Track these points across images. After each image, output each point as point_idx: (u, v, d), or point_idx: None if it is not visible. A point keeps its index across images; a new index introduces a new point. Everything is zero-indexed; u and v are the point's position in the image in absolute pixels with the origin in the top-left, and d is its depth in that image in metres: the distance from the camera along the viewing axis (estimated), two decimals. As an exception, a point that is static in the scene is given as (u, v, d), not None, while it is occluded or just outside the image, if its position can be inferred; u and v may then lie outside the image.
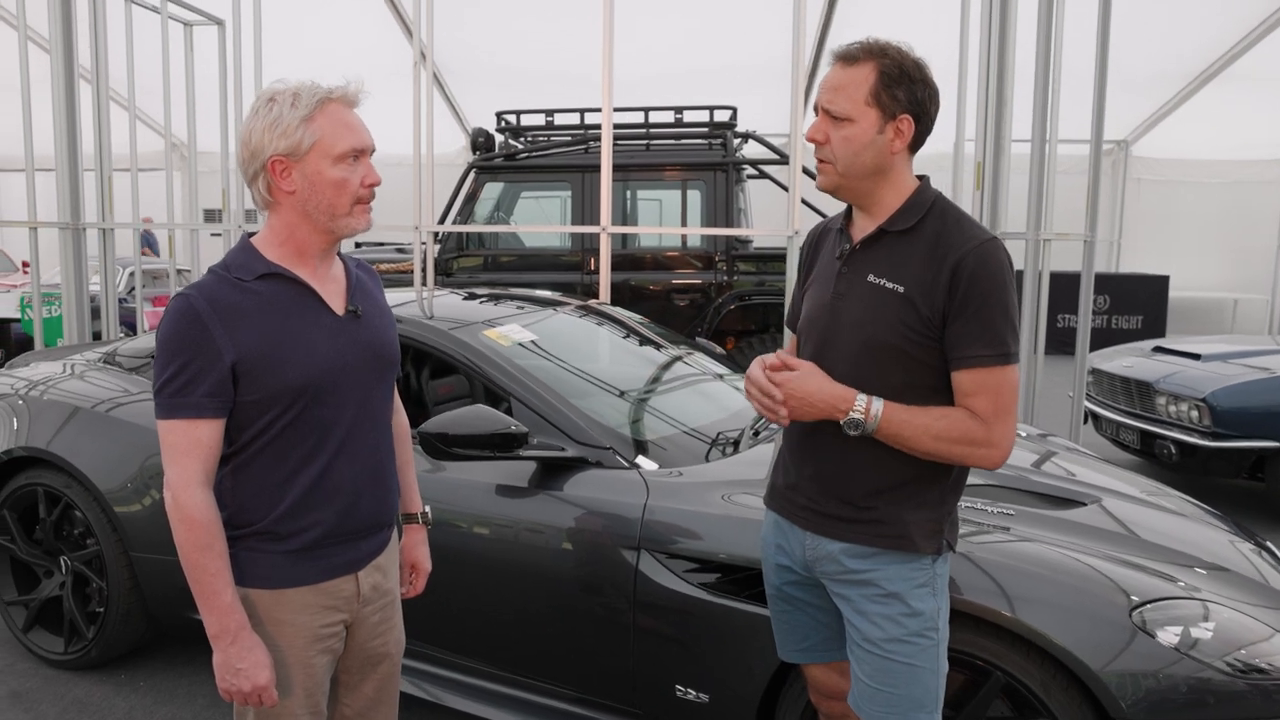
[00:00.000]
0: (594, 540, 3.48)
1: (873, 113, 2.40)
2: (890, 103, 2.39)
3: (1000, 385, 2.36)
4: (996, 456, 2.39)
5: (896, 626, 2.47)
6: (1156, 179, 19.18)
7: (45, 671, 4.69)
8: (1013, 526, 3.30)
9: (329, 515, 2.39)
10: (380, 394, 2.51)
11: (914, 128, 2.43)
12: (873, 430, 2.38)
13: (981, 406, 2.36)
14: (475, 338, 4.12)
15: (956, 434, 2.36)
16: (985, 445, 2.37)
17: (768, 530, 2.80)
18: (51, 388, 4.85)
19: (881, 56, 2.40)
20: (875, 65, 2.39)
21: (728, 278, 9.05)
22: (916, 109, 2.42)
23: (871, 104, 2.39)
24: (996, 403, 2.36)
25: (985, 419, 2.36)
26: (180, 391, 2.20)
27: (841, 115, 2.41)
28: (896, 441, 2.39)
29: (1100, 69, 6.89)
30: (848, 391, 2.39)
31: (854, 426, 2.38)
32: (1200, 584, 3.16)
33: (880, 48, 2.41)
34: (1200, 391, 7.25)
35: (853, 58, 2.42)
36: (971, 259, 2.34)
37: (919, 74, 2.42)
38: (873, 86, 2.38)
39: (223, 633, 2.25)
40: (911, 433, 2.37)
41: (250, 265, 2.32)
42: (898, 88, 2.39)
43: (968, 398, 2.38)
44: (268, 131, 2.25)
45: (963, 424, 2.36)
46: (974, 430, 2.36)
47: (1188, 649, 2.84)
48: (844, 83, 2.41)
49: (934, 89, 2.45)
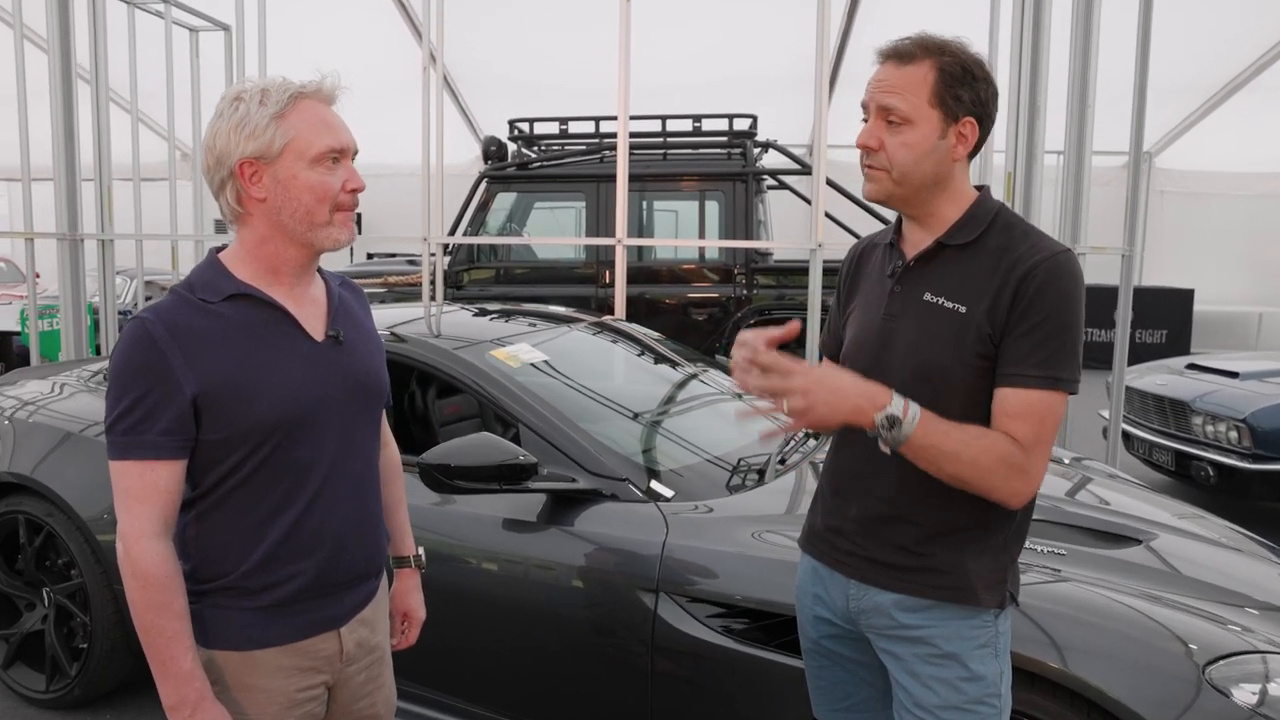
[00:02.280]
0: (608, 580, 3.25)
1: (935, 115, 2.14)
2: (954, 104, 2.14)
3: (1046, 413, 2.10)
4: (1027, 491, 2.12)
5: (954, 692, 2.20)
6: (1180, 191, 18.96)
7: (26, 711, 4.46)
8: (1063, 568, 3.07)
9: (308, 567, 2.12)
10: (365, 429, 2.25)
11: (977, 131, 2.18)
12: (907, 435, 2.06)
13: (1023, 432, 2.09)
14: (482, 359, 3.90)
15: (993, 458, 2.08)
16: (1020, 476, 2.09)
17: (804, 577, 2.52)
18: (39, 409, 4.64)
19: (940, 54, 2.15)
20: (934, 63, 2.14)
21: (747, 291, 8.86)
22: (980, 110, 2.18)
23: (934, 105, 2.14)
24: (1039, 431, 2.10)
25: (1025, 447, 2.09)
26: (134, 429, 1.94)
27: (900, 118, 2.15)
28: (927, 456, 2.09)
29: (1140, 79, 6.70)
30: (882, 387, 2.09)
31: (889, 425, 2.05)
32: (1253, 625, 2.96)
33: (938, 44, 2.17)
34: (1240, 412, 7.01)
35: (908, 55, 2.17)
36: (1042, 271, 2.09)
37: (981, 72, 2.18)
38: (934, 86, 2.14)
39: (181, 704, 1.98)
40: (949, 447, 2.07)
41: (216, 285, 2.06)
42: (961, 87, 2.14)
43: (1008, 419, 2.11)
44: (234, 133, 1.99)
45: (1001, 447, 2.08)
46: (1012, 456, 2.08)
47: (1262, 708, 2.60)
48: (901, 82, 2.16)
49: (995, 88, 2.21)
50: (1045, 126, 6.57)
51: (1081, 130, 6.59)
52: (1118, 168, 16.07)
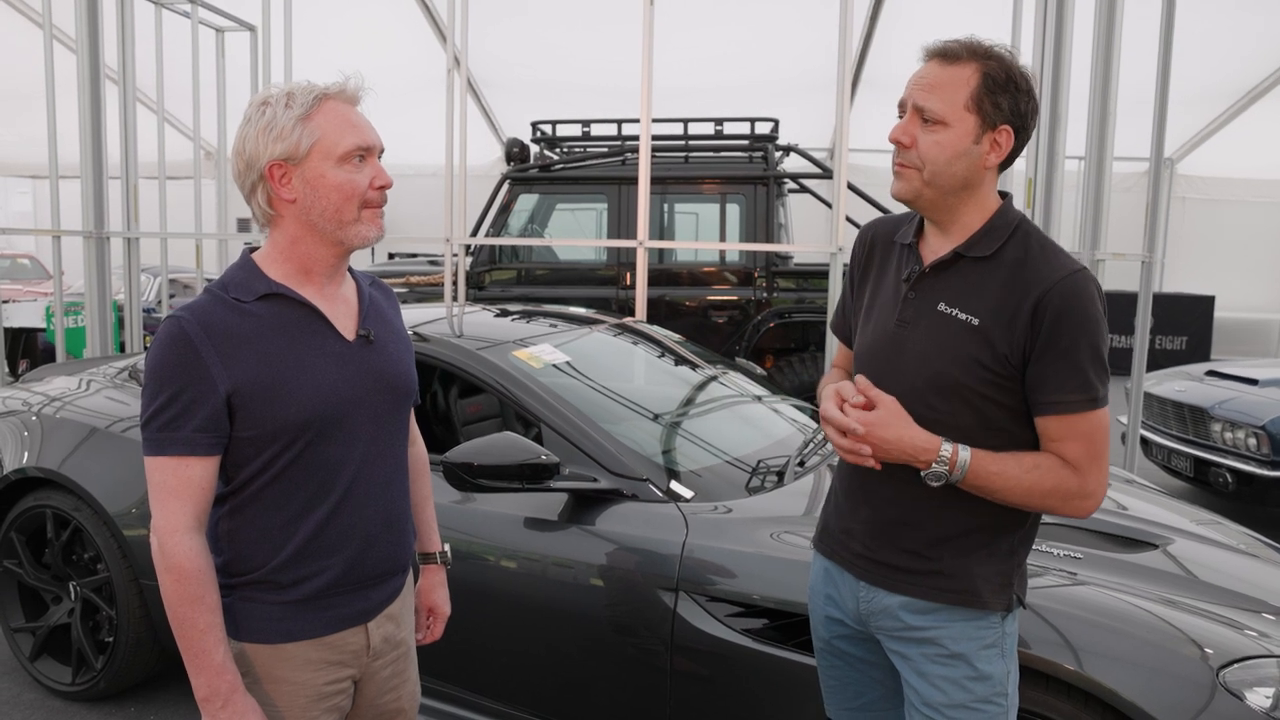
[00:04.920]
0: (628, 579, 3.27)
1: (971, 119, 2.14)
2: (992, 111, 2.14)
3: (1092, 430, 2.12)
4: (1090, 506, 2.15)
5: (961, 691, 2.22)
6: (1201, 198, 18.87)
7: (52, 703, 4.50)
8: (1079, 571, 3.08)
9: (336, 563, 2.16)
10: (395, 428, 2.28)
11: (1013, 141, 2.18)
12: (958, 481, 2.12)
13: (1073, 453, 2.12)
14: (505, 359, 3.92)
15: (1048, 486, 2.11)
16: (1079, 496, 2.13)
17: (817, 578, 2.54)
18: (66, 405, 4.68)
19: (986, 59, 2.15)
20: (979, 67, 2.14)
21: (767, 294, 8.84)
22: (1018, 121, 2.17)
23: (972, 109, 2.13)
24: (1090, 448, 2.12)
25: (1079, 466, 2.12)
26: (169, 425, 1.98)
27: (936, 118, 2.14)
28: (983, 494, 2.13)
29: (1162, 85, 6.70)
30: (931, 439, 2.12)
31: (937, 479, 2.12)
32: (1269, 630, 2.96)
33: (985, 49, 2.16)
34: (1259, 419, 6.99)
35: (954, 55, 2.16)
36: (1058, 294, 2.09)
37: (1025, 84, 2.17)
38: (974, 90, 2.13)
39: (213, 695, 2.02)
40: (1001, 485, 2.11)
41: (250, 284, 2.10)
42: (1001, 95, 2.14)
43: (1056, 443, 2.13)
44: (261, 136, 2.03)
45: (1055, 474, 2.11)
46: (1068, 480, 2.11)
47: (1276, 711, 2.62)
48: (942, 82, 2.15)
49: (1037, 104, 2.20)
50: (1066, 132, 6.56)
51: (1103, 136, 6.57)
52: (1139, 174, 16.00)
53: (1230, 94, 16.56)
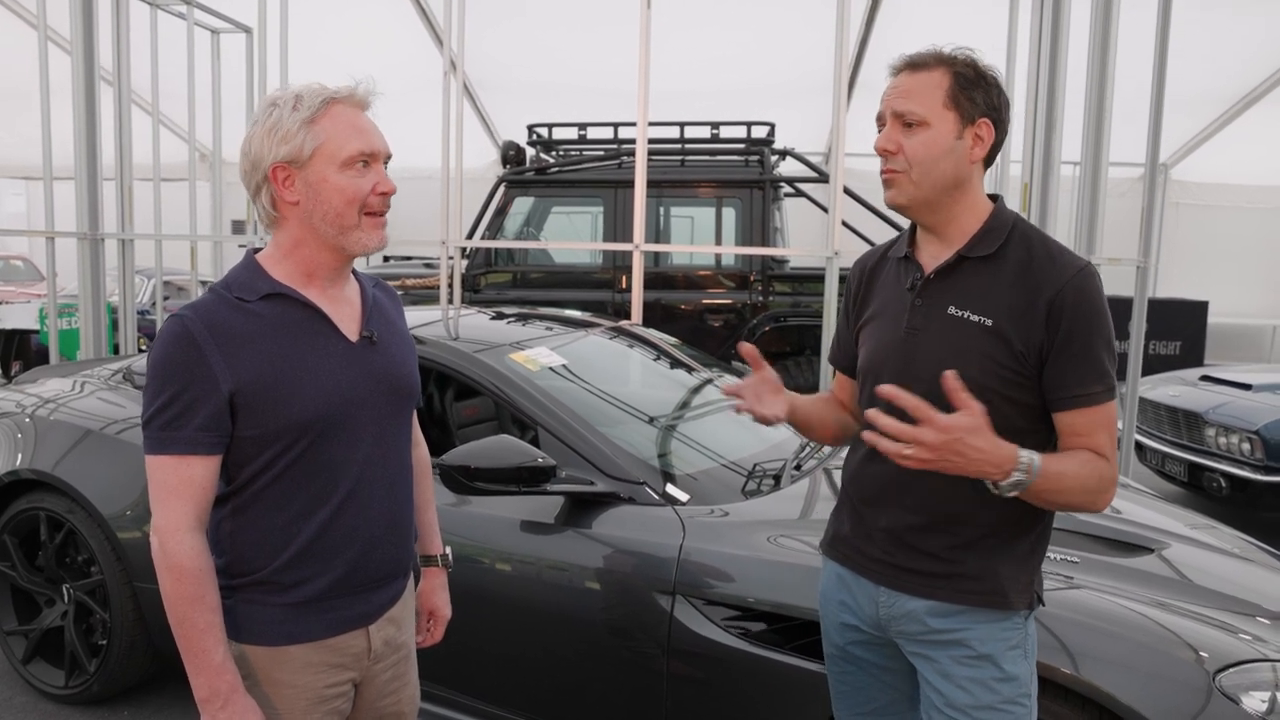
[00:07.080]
0: (625, 582, 3.27)
1: (951, 115, 2.19)
2: (969, 106, 2.19)
3: (1111, 419, 2.16)
4: (1109, 498, 2.17)
5: (988, 692, 2.22)
6: (1196, 203, 18.86)
7: (45, 706, 4.49)
8: (1076, 575, 3.08)
9: (338, 565, 2.15)
10: (398, 429, 2.28)
11: (994, 133, 2.22)
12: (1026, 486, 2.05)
13: (1104, 443, 2.14)
14: (501, 362, 3.92)
15: (1095, 480, 2.12)
16: (1111, 486, 2.16)
17: (829, 584, 2.53)
18: (60, 407, 4.66)
19: (953, 62, 2.21)
20: (947, 69, 2.20)
21: (763, 298, 8.85)
22: (995, 114, 2.22)
23: (950, 106, 2.19)
24: (1111, 436, 2.15)
25: (1109, 456, 2.14)
26: (171, 424, 1.98)
27: (917, 119, 2.19)
28: (1041, 495, 2.09)
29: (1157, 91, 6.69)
30: (1012, 446, 2.03)
31: (1016, 487, 2.04)
32: (1264, 634, 2.97)
33: (950, 55, 2.23)
34: (1253, 424, 7.00)
35: (922, 63, 2.22)
36: (1071, 291, 2.12)
37: (994, 79, 2.23)
38: (949, 89, 2.18)
39: (213, 696, 2.01)
40: (1064, 484, 2.08)
41: (253, 284, 2.10)
42: (975, 90, 2.19)
43: (1085, 436, 2.15)
44: (267, 138, 2.03)
45: (1094, 465, 2.12)
46: (1104, 470, 2.13)
47: (1271, 715, 2.63)
48: (917, 87, 2.20)
49: (1007, 97, 2.27)
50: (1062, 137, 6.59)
51: (1098, 141, 6.59)
52: (1134, 179, 16.02)
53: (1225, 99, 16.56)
